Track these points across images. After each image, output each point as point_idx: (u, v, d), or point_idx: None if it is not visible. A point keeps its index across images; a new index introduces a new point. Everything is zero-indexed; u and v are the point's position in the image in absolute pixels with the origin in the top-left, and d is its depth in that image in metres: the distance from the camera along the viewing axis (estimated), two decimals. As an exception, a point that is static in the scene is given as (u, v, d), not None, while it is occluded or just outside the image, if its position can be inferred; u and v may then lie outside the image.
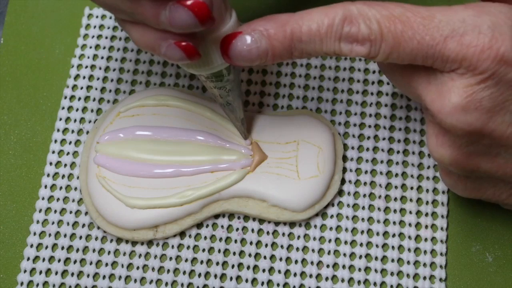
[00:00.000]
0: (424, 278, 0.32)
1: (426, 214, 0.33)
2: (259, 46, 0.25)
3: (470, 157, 0.26)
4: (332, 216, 0.33)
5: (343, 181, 0.34)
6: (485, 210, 0.33)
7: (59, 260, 0.33)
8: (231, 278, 0.32)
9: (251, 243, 0.33)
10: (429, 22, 0.24)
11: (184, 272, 0.32)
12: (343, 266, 0.32)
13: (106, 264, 0.33)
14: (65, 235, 0.33)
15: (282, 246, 0.33)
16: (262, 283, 0.32)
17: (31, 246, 0.33)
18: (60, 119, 0.36)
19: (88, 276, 0.32)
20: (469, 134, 0.25)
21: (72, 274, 0.32)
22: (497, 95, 0.24)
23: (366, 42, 0.25)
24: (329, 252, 0.33)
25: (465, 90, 0.24)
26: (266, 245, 0.33)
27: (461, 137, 0.25)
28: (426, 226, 0.33)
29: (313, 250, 0.33)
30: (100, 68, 0.37)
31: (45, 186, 0.34)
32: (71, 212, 0.34)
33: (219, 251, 0.33)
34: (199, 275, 0.32)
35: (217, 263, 0.32)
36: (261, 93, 0.36)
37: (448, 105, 0.24)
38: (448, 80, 0.24)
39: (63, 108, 0.36)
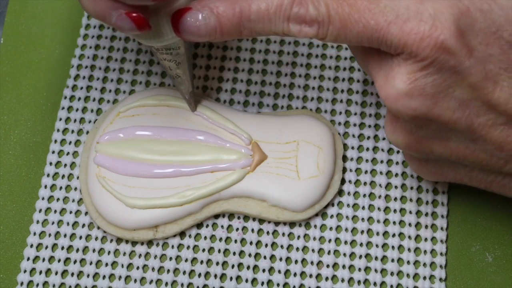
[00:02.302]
0: (424, 278, 0.32)
1: (426, 214, 0.33)
2: (207, 23, 0.26)
3: (422, 142, 0.27)
4: (332, 216, 0.33)
5: (343, 181, 0.34)
6: (485, 210, 0.33)
7: (59, 260, 0.33)
8: (231, 278, 0.32)
9: (251, 243, 0.33)
10: (375, 6, 0.24)
11: (184, 272, 0.32)
12: (343, 266, 0.32)
13: (106, 264, 0.32)
14: (65, 235, 0.33)
15: (282, 246, 0.33)
16: (262, 283, 0.32)
17: (31, 246, 0.33)
18: (60, 119, 0.36)
19: (88, 276, 0.32)
20: (416, 119, 0.25)
21: (72, 274, 0.32)
22: (440, 82, 0.24)
23: (314, 23, 0.25)
24: (329, 252, 0.33)
25: (408, 76, 0.24)
26: (266, 245, 0.33)
27: (409, 122, 0.26)
28: (426, 226, 0.33)
29: (313, 250, 0.33)
30: (100, 68, 0.37)
31: (45, 186, 0.34)
32: (71, 212, 0.34)
33: (219, 251, 0.33)
34: (199, 275, 0.32)
35: (217, 263, 0.32)
36: (261, 93, 0.36)
37: (392, 91, 0.25)
38: (395, 66, 0.25)
39: (63, 108, 0.36)
